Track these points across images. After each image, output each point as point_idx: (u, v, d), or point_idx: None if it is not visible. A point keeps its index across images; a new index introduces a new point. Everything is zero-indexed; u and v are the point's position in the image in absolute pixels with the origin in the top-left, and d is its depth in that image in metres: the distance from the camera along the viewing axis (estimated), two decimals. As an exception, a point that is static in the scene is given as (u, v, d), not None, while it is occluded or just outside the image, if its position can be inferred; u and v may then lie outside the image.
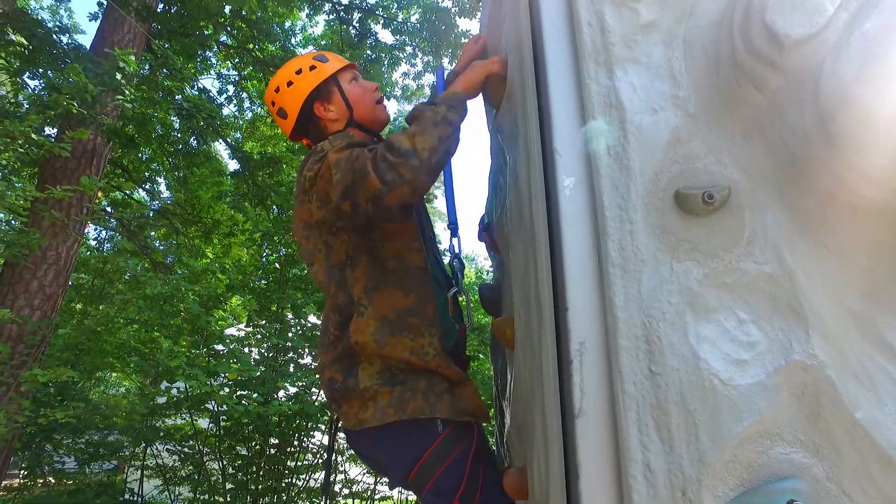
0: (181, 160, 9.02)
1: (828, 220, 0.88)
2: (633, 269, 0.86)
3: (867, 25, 0.85)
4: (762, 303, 0.86)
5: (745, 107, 0.92)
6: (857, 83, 0.82)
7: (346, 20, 10.93)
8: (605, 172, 0.90)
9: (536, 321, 1.02)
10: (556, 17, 1.06)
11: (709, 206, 0.87)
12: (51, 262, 5.85)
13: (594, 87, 0.96)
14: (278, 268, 7.27)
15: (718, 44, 0.96)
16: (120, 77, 5.63)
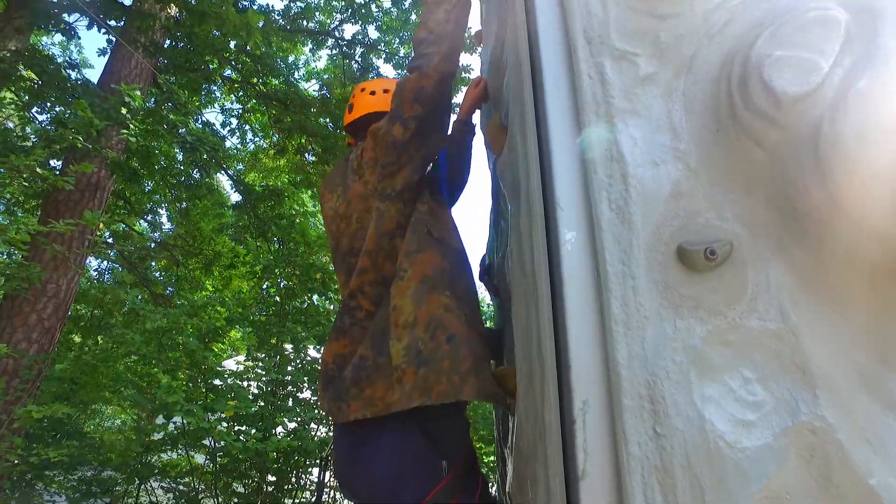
0: (183, 192, 9.09)
1: (832, 276, 0.87)
2: (637, 326, 0.85)
3: (862, 83, 0.86)
4: (767, 361, 0.84)
5: (746, 161, 0.93)
6: (857, 140, 0.83)
7: (349, 55, 11.16)
8: (606, 226, 0.90)
9: (539, 377, 1.00)
10: (556, 69, 1.07)
11: (711, 261, 0.86)
12: (50, 295, 5.83)
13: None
14: (279, 300, 7.24)
15: (717, 99, 0.97)
16: (125, 111, 5.72)
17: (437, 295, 1.42)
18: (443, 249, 1.53)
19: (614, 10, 1.10)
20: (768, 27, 0.97)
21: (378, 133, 1.58)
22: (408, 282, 1.45)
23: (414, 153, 1.55)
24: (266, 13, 9.26)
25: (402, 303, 1.42)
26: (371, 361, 1.43)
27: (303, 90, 10.33)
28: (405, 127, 1.51)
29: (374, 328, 1.47)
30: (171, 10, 7.12)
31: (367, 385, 1.40)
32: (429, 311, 1.40)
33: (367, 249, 1.54)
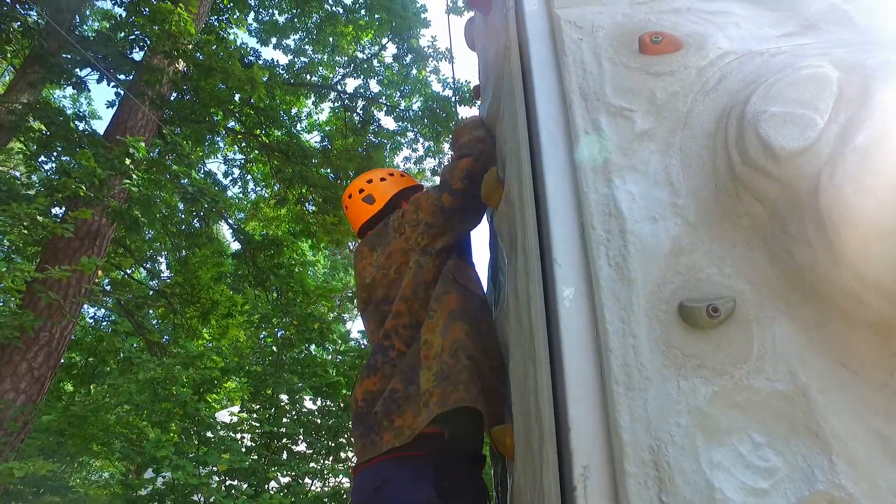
0: (183, 240, 9.11)
1: (840, 334, 0.84)
2: (638, 386, 0.82)
3: (858, 139, 0.85)
4: (778, 424, 0.80)
5: (746, 216, 0.91)
6: (857, 195, 0.81)
7: (351, 107, 11.44)
8: (605, 283, 0.87)
9: (537, 438, 0.96)
10: (552, 125, 1.08)
11: (714, 319, 0.84)
12: (43, 344, 5.75)
13: (592, 195, 0.95)
14: (275, 350, 7.14)
15: (715, 154, 0.96)
16: (129, 162, 5.80)
17: (459, 323, 1.54)
18: (466, 293, 1.66)
19: (609, 66, 1.12)
20: (762, 84, 0.98)
21: (424, 199, 1.81)
22: (437, 319, 1.58)
23: (457, 222, 1.78)
24: (270, 68, 9.56)
25: (432, 338, 1.55)
26: (401, 392, 1.53)
27: (304, 142, 10.54)
28: (454, 197, 1.74)
29: (405, 364, 1.59)
30: (179, 64, 7.34)
31: (398, 415, 1.49)
32: (453, 338, 1.51)
33: (404, 296, 1.70)
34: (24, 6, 6.23)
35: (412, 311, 1.68)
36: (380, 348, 1.67)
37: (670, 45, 1.12)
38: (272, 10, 11.51)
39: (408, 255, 1.77)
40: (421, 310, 1.67)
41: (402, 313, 1.68)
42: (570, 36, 1.17)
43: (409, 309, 1.69)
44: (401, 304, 1.69)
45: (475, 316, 1.60)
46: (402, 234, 1.80)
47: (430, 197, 1.79)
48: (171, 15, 6.38)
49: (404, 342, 1.64)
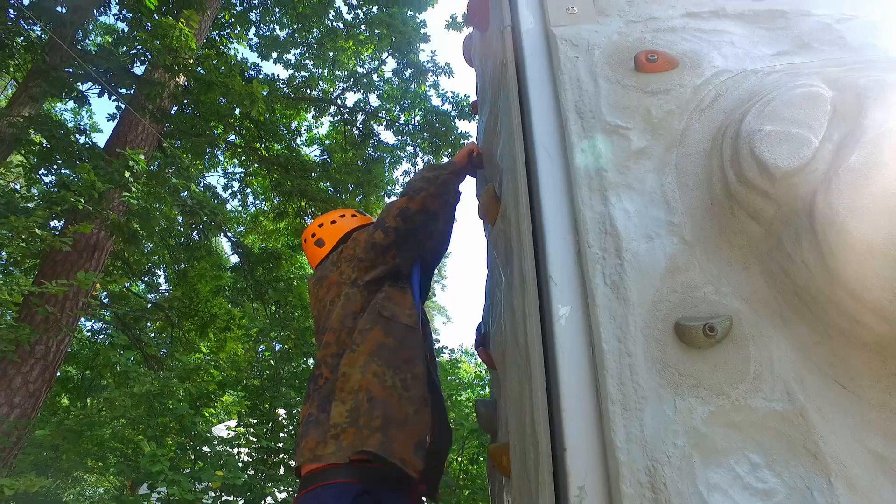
0: (182, 253, 9.11)
1: (838, 353, 0.84)
2: (635, 406, 0.81)
3: (853, 158, 0.86)
4: (776, 444, 0.79)
5: (741, 235, 0.91)
6: (852, 215, 0.81)
7: (350, 122, 11.50)
8: (601, 302, 0.87)
9: (532, 458, 0.95)
10: (548, 143, 1.08)
11: (711, 338, 0.83)
12: (38, 357, 5.72)
13: (588, 213, 0.95)
14: (273, 364, 7.10)
15: (710, 172, 0.96)
16: (128, 175, 5.81)
17: (373, 365, 1.62)
18: (388, 326, 1.73)
19: (605, 84, 1.12)
20: (757, 102, 0.98)
21: (362, 235, 1.91)
22: (358, 355, 1.65)
23: (389, 259, 1.86)
24: (271, 82, 9.63)
25: (351, 371, 1.62)
26: (314, 417, 1.61)
27: (304, 155, 10.58)
28: (385, 234, 1.84)
29: (324, 391, 1.65)
30: (180, 79, 7.39)
31: (304, 438, 1.58)
32: (366, 380, 1.59)
33: (333, 327, 1.77)
34: (28, 21, 6.29)
35: (339, 340, 1.74)
36: (312, 377, 1.76)
37: (666, 64, 1.12)
38: (273, 25, 11.62)
39: (340, 288, 1.86)
40: (347, 338, 1.73)
41: (331, 343, 1.74)
42: (566, 54, 1.18)
43: (336, 339, 1.74)
44: (330, 335, 1.76)
45: (393, 351, 1.67)
46: (338, 268, 1.92)
47: (365, 233, 1.91)
48: (173, 30, 6.43)
49: (331, 370, 1.70)
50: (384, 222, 1.86)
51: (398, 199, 1.89)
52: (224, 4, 10.41)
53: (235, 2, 11.24)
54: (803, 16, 1.21)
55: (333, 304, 1.86)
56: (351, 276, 1.85)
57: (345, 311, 1.78)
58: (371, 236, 1.86)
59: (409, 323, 1.77)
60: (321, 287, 1.96)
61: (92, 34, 10.98)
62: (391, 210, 1.87)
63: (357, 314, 1.77)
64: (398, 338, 1.71)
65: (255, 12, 11.52)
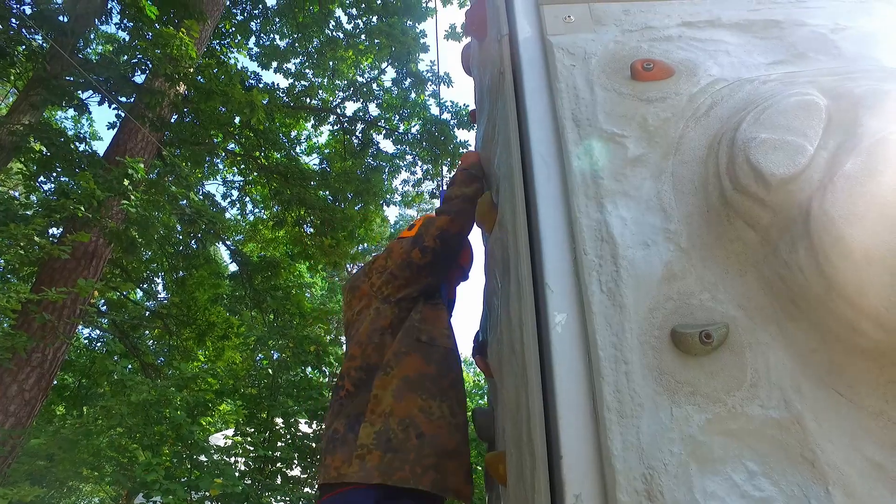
0: (181, 261, 9.09)
1: (835, 360, 0.84)
2: (631, 414, 0.81)
3: (848, 166, 0.86)
4: (773, 452, 0.79)
5: (737, 242, 0.91)
6: (847, 222, 0.81)
7: (350, 130, 11.54)
8: (597, 309, 0.87)
9: (529, 465, 0.94)
10: (545, 151, 1.08)
11: (707, 345, 0.83)
12: (35, 365, 5.69)
13: (584, 220, 0.95)
14: (271, 373, 7.07)
15: (706, 180, 0.97)
16: (127, 183, 5.82)
17: (415, 396, 1.61)
18: (428, 353, 1.71)
19: (601, 93, 1.13)
20: (752, 111, 0.99)
21: (397, 248, 1.88)
22: (392, 378, 1.63)
23: (423, 278, 1.82)
24: (271, 91, 9.67)
25: (383, 394, 1.61)
26: (340, 435, 1.60)
27: (303, 164, 10.61)
28: (423, 254, 1.80)
29: (351, 408, 1.64)
30: (180, 87, 7.42)
31: (330, 455, 1.57)
32: (406, 410, 1.58)
33: (360, 340, 1.75)
34: (31, 30, 6.32)
35: (365, 354, 1.72)
36: (335, 388, 1.76)
37: (662, 72, 1.13)
38: (273, 34, 11.69)
39: (370, 300, 1.84)
40: (374, 353, 1.71)
41: (356, 356, 1.73)
42: (563, 62, 1.18)
43: (362, 352, 1.73)
44: (355, 348, 1.75)
45: (435, 380, 1.66)
46: (368, 279, 1.89)
47: (401, 248, 1.86)
48: (174, 39, 6.46)
49: (353, 383, 1.70)
50: (422, 240, 1.82)
51: (438, 216, 1.84)
52: (225, 14, 10.48)
53: (236, 11, 11.32)
54: (798, 26, 1.22)
55: (362, 314, 1.84)
56: (383, 291, 1.82)
57: (373, 326, 1.76)
58: (408, 254, 1.82)
59: (448, 346, 1.76)
60: (353, 296, 1.94)
61: (93, 43, 11.05)
62: (430, 229, 1.83)
63: (385, 329, 1.75)
64: (439, 364, 1.70)
65: (256, 22, 11.59)
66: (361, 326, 1.78)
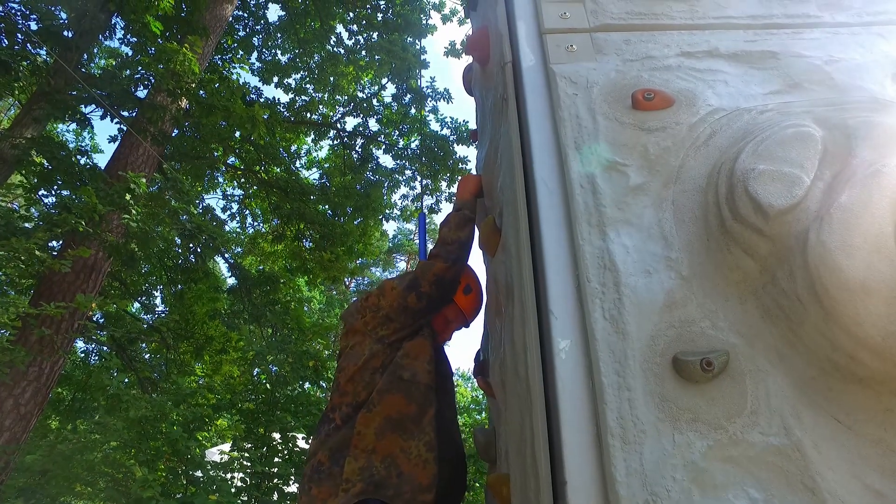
0: (179, 275, 9.09)
1: (833, 388, 0.85)
2: (634, 440, 0.82)
3: (843, 198, 0.88)
4: (774, 479, 0.80)
5: (737, 271, 0.94)
6: (843, 253, 0.84)
7: (350, 145, 11.60)
8: (600, 336, 0.89)
9: (533, 489, 0.95)
10: (548, 178, 1.11)
11: (708, 372, 0.85)
12: (31, 379, 5.66)
13: (587, 248, 0.97)
14: (269, 388, 7.04)
15: (706, 209, 0.99)
16: (129, 197, 5.84)
17: (396, 437, 1.70)
18: (409, 391, 1.78)
19: (603, 122, 1.16)
20: (750, 141, 1.02)
21: (390, 290, 1.91)
22: (375, 416, 1.72)
23: (419, 321, 1.90)
24: (271, 106, 9.74)
25: (366, 431, 1.70)
26: (326, 467, 1.68)
27: (303, 178, 10.65)
28: (419, 299, 1.87)
29: (336, 441, 1.72)
30: (182, 102, 7.48)
31: (316, 486, 1.66)
32: (388, 449, 1.68)
33: (353, 377, 1.82)
34: (35, 45, 6.38)
35: (356, 391, 1.80)
36: (326, 418, 1.83)
37: (662, 102, 1.16)
38: (275, 50, 11.80)
39: (364, 338, 1.90)
40: (363, 391, 1.79)
41: (348, 393, 1.81)
42: (566, 91, 1.21)
43: (353, 390, 1.81)
44: (348, 385, 1.82)
45: (415, 419, 1.74)
46: (362, 317, 1.93)
47: (396, 291, 1.90)
48: (177, 55, 6.53)
49: (342, 418, 1.77)
50: (418, 286, 1.87)
51: (436, 261, 1.90)
52: (227, 30, 10.59)
53: (238, 27, 11.44)
54: (794, 57, 1.25)
55: (354, 350, 1.89)
56: (378, 332, 1.88)
57: (366, 366, 1.82)
58: (405, 299, 1.87)
59: (428, 381, 1.82)
60: (347, 331, 1.99)
61: (97, 58, 11.14)
62: (427, 274, 1.88)
63: (377, 370, 1.82)
64: (420, 403, 1.77)
65: (258, 37, 11.71)
66: (355, 363, 1.84)
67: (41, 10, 6.43)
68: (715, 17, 1.38)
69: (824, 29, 1.35)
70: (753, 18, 1.37)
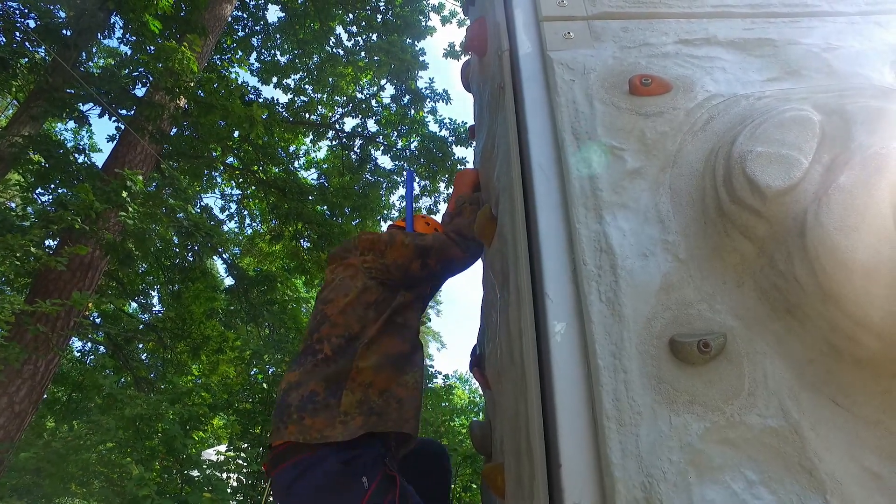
0: (177, 274, 9.07)
1: (831, 370, 0.84)
2: (630, 422, 0.81)
3: (842, 179, 0.88)
4: (771, 461, 0.79)
5: (734, 253, 0.93)
6: (841, 234, 0.83)
7: (348, 146, 11.60)
8: (596, 318, 0.88)
9: (528, 474, 0.94)
10: (545, 162, 1.10)
11: (705, 354, 0.84)
12: (26, 377, 5.63)
13: (584, 231, 0.96)
14: (265, 388, 7.02)
15: (703, 192, 0.98)
16: (126, 195, 5.82)
17: (393, 372, 1.80)
18: (404, 334, 1.90)
19: (600, 107, 1.15)
20: (748, 125, 1.01)
21: (401, 246, 1.95)
22: (373, 352, 1.79)
23: (414, 284, 1.98)
24: (270, 106, 9.73)
25: (364, 366, 1.76)
26: (321, 398, 1.71)
27: (301, 178, 10.64)
28: (422, 269, 1.94)
29: (331, 372, 1.76)
30: (180, 101, 7.47)
31: (310, 416, 1.67)
32: (385, 383, 1.77)
33: (344, 310, 1.87)
34: (34, 43, 6.37)
35: (348, 324, 1.85)
36: (310, 349, 1.85)
37: (659, 88, 1.15)
38: (274, 50, 11.80)
39: (357, 272, 1.96)
40: (356, 324, 1.85)
41: (339, 325, 1.85)
42: (563, 77, 1.21)
43: (345, 322, 1.85)
44: (340, 317, 1.86)
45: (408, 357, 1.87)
46: (362, 255, 1.99)
47: (405, 249, 1.94)
48: (176, 54, 6.52)
49: (333, 349, 1.81)
50: (428, 257, 1.93)
51: (453, 246, 1.95)
52: (226, 29, 10.59)
53: (238, 27, 11.45)
54: (791, 44, 1.25)
55: (344, 283, 1.95)
56: (372, 273, 1.93)
57: (359, 300, 1.89)
58: (409, 263, 1.93)
59: (417, 327, 1.99)
60: (339, 264, 2.06)
61: (95, 56, 11.13)
62: (442, 253, 1.94)
63: (370, 304, 1.89)
64: (413, 343, 1.92)
65: (257, 38, 11.72)
66: (345, 294, 1.90)
67: (40, 8, 6.43)
68: (713, 6, 1.37)
69: (822, 17, 1.34)
70: (751, 7, 1.36)
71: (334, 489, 1.62)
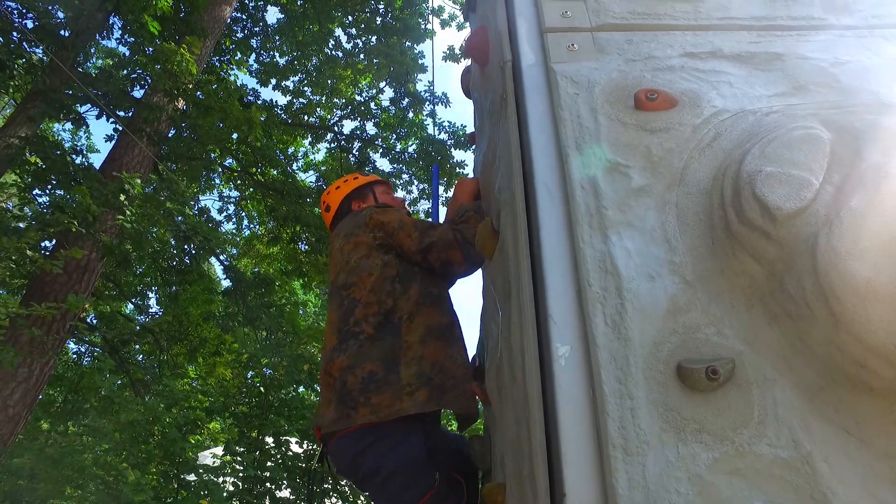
0: (174, 276, 9.02)
1: (843, 398, 0.82)
2: (636, 451, 0.79)
3: (854, 202, 0.85)
4: (783, 493, 0.77)
5: (743, 276, 0.90)
6: (854, 258, 0.81)
7: (347, 148, 11.58)
8: (602, 342, 0.85)
9: (531, 502, 0.92)
10: (549, 180, 1.08)
11: (713, 381, 0.81)
12: (21, 380, 5.58)
13: (588, 251, 0.94)
14: (263, 391, 6.98)
15: (711, 211, 0.96)
16: (123, 198, 5.79)
17: (440, 343, 1.83)
18: (442, 306, 1.95)
19: (605, 122, 1.13)
20: (757, 143, 0.99)
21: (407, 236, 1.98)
22: (417, 326, 1.84)
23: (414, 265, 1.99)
24: (269, 108, 9.71)
25: (412, 341, 1.81)
26: (381, 376, 1.74)
27: (300, 181, 10.61)
28: (422, 261, 1.96)
29: (381, 351, 1.80)
30: (179, 103, 7.44)
31: (375, 395, 1.71)
32: (434, 355, 1.79)
33: (374, 289, 1.90)
34: (31, 44, 6.34)
35: (380, 300, 1.88)
36: (350, 334, 1.87)
37: (665, 103, 1.13)
38: (273, 52, 11.78)
39: (370, 251, 1.99)
40: (388, 299, 1.88)
41: (372, 303, 1.88)
42: (567, 91, 1.18)
43: (378, 299, 1.88)
44: (371, 296, 1.89)
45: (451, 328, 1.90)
46: (371, 233, 2.02)
47: (410, 239, 1.97)
48: (174, 55, 6.49)
49: (373, 327, 1.84)
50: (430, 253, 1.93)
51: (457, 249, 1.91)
52: (226, 31, 10.56)
53: (237, 29, 11.42)
54: (799, 59, 1.23)
55: (361, 263, 1.98)
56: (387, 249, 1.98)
57: (384, 275, 1.92)
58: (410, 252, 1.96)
59: (449, 298, 2.02)
60: (348, 242, 2.06)
61: (93, 57, 11.09)
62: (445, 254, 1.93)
63: (395, 278, 1.93)
64: (450, 314, 1.95)
65: (256, 39, 11.69)
66: (369, 273, 1.93)
67: (38, 9, 6.39)
68: (719, 18, 1.35)
69: (829, 31, 1.32)
70: (757, 20, 1.34)
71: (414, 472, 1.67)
